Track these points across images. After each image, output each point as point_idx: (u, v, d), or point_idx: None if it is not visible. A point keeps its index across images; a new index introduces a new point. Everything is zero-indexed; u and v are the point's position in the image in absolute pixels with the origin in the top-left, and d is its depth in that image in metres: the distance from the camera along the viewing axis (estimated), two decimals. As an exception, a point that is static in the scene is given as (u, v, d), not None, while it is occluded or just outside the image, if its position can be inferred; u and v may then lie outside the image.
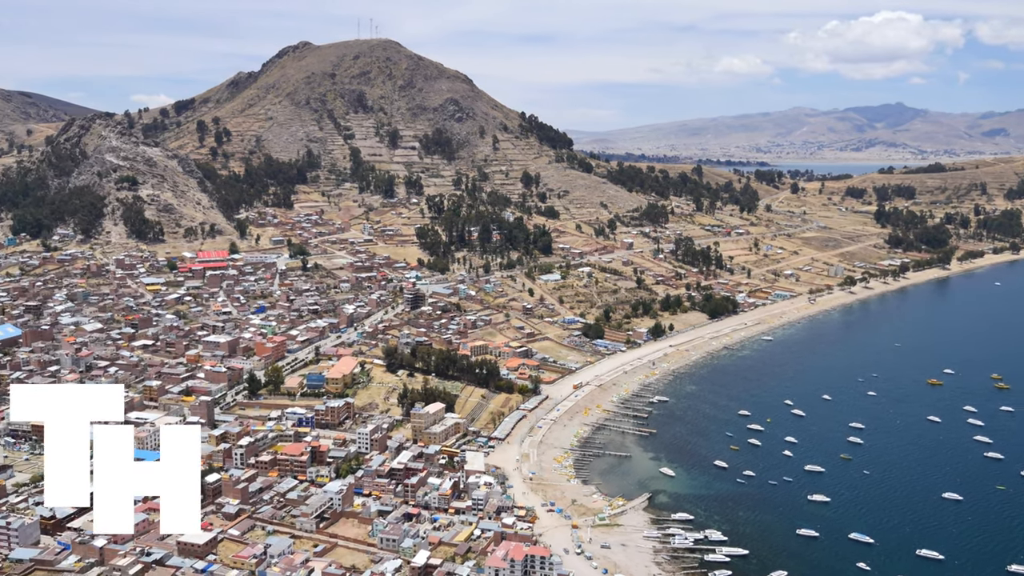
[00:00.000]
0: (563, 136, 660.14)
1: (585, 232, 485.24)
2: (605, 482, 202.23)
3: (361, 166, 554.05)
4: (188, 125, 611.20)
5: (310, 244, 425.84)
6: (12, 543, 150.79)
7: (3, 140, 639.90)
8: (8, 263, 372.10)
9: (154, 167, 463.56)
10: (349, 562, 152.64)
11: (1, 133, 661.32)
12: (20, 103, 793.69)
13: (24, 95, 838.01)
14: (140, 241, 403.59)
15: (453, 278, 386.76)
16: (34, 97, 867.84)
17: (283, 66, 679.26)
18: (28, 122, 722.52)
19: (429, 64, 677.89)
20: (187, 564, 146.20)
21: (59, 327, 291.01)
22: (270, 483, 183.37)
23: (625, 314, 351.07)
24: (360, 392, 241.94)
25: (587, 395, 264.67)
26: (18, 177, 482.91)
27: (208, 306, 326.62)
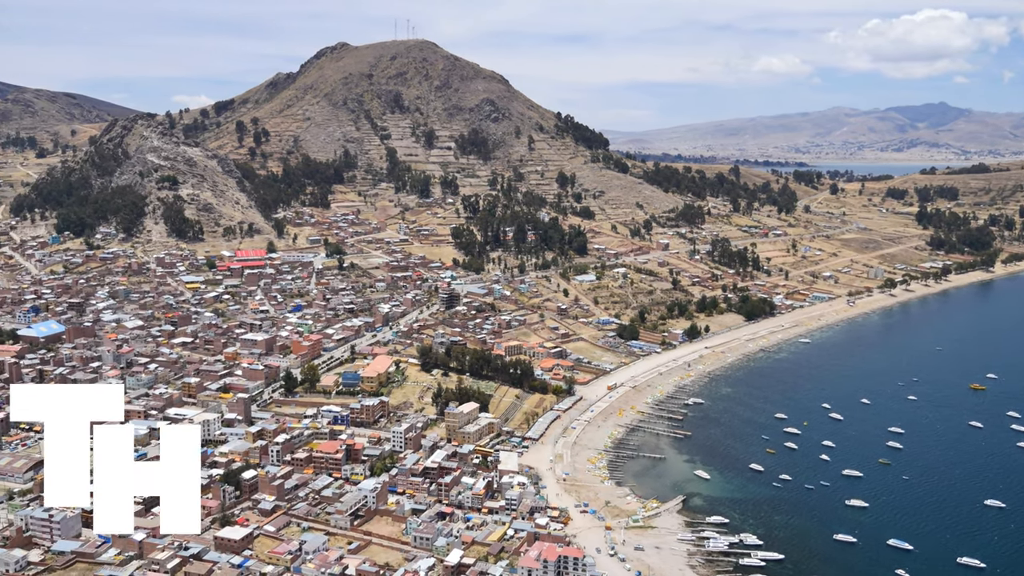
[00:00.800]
0: (599, 136, 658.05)
1: (620, 233, 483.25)
2: (639, 484, 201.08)
3: (397, 166, 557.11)
4: (228, 125, 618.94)
5: (346, 244, 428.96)
6: (55, 535, 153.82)
7: (48, 140, 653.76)
8: (52, 261, 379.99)
9: (194, 167, 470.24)
10: (383, 560, 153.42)
11: (47, 133, 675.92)
12: (65, 104, 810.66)
13: (69, 96, 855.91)
14: (180, 240, 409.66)
15: (488, 278, 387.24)
16: (79, 98, 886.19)
17: (321, 67, 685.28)
18: (72, 123, 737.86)
19: (465, 64, 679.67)
20: (224, 559, 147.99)
21: (101, 324, 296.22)
22: (305, 480, 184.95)
23: (660, 315, 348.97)
24: (395, 391, 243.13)
25: (621, 396, 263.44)
26: (62, 176, 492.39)
27: (246, 304, 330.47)
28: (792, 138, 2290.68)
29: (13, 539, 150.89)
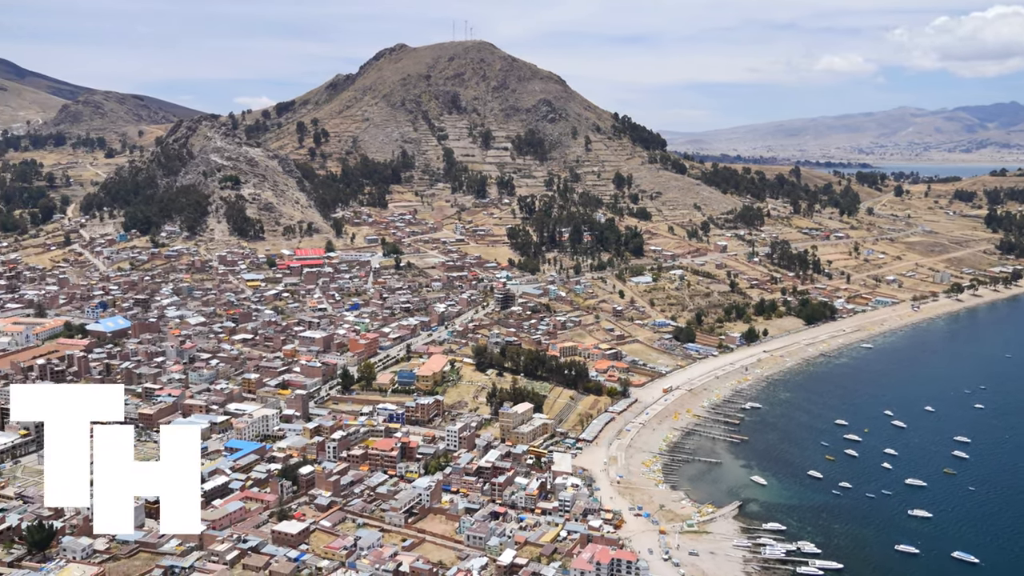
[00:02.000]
0: (656, 137, 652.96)
1: (677, 234, 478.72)
2: (694, 488, 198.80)
3: (454, 166, 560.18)
4: (288, 126, 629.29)
5: (403, 243, 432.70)
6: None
7: (117, 141, 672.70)
8: (120, 258, 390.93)
9: (256, 167, 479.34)
10: (436, 558, 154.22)
11: (115, 134, 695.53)
12: (133, 106, 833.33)
13: (137, 98, 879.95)
14: (242, 238, 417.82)
15: (543, 279, 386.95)
16: (146, 100, 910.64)
17: (380, 68, 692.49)
18: (140, 124, 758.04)
19: (522, 65, 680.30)
20: (280, 552, 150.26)
21: (165, 320, 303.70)
22: (361, 477, 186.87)
23: (718, 318, 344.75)
24: (450, 390, 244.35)
25: (677, 399, 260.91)
26: (130, 176, 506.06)
27: (304, 302, 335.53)
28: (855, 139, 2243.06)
29: (80, 527, 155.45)
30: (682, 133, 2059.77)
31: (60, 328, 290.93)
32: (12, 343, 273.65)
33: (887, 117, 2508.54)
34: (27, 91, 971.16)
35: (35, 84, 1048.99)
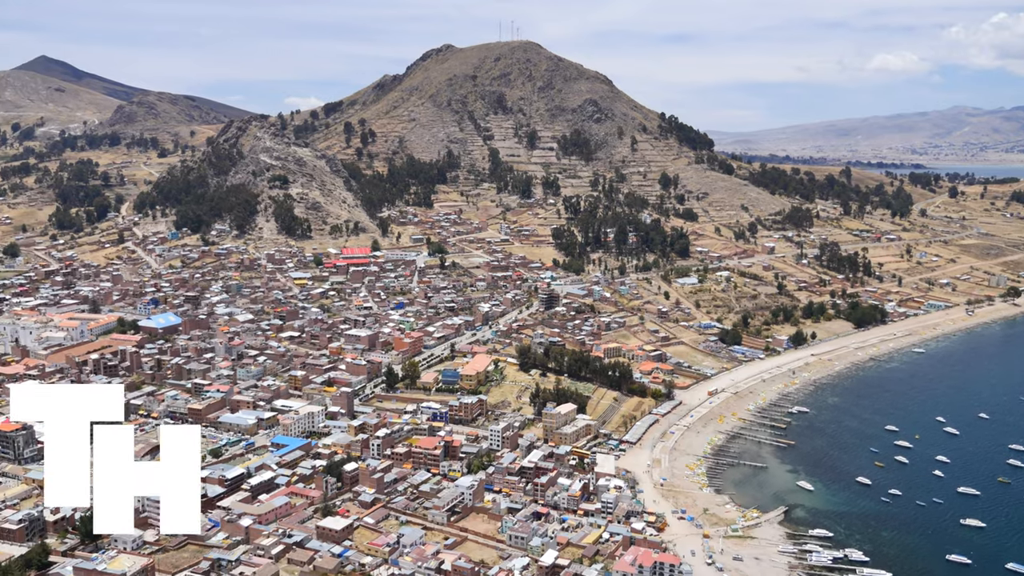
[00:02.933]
0: (703, 137, 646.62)
1: (724, 235, 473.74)
2: (739, 492, 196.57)
3: (499, 167, 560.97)
4: (336, 126, 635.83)
5: (448, 243, 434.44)
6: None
7: (169, 141, 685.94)
8: (171, 256, 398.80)
9: (304, 166, 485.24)
10: (478, 557, 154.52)
11: (168, 134, 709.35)
12: (185, 106, 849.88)
13: (189, 99, 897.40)
14: (289, 237, 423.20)
15: (588, 279, 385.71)
16: (197, 101, 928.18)
17: (426, 68, 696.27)
18: (192, 124, 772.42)
19: (568, 65, 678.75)
20: (325, 547, 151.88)
21: (214, 317, 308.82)
22: (404, 475, 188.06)
23: (764, 320, 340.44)
24: (493, 390, 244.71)
25: (722, 402, 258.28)
26: (181, 175, 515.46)
27: (350, 301, 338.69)
28: (908, 139, 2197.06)
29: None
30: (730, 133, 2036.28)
31: (113, 324, 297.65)
32: (68, 338, 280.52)
33: (942, 117, 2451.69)
34: (84, 92, 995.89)
35: (91, 85, 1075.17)
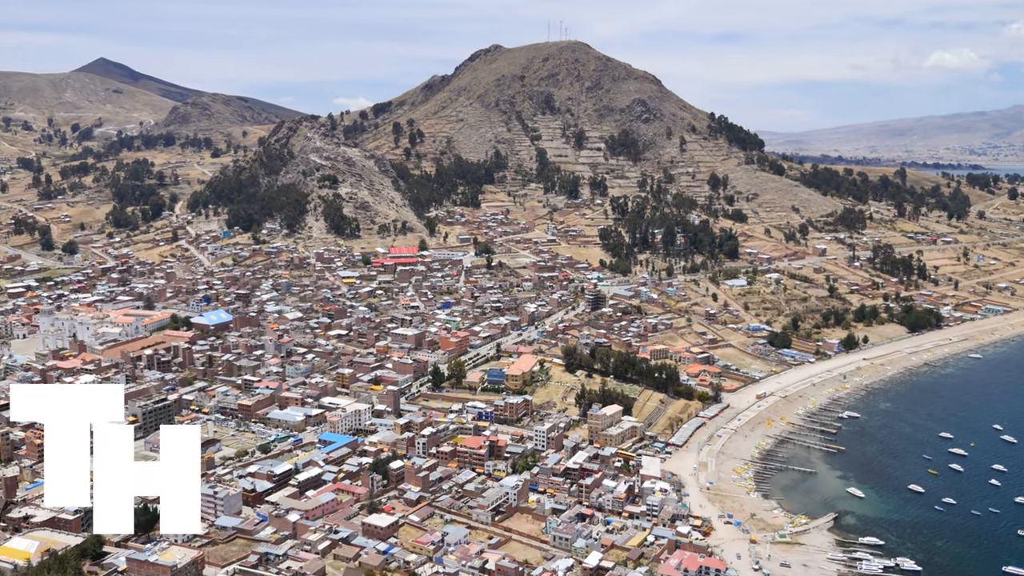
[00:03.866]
0: (754, 137, 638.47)
1: (774, 237, 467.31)
2: (787, 498, 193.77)
3: (547, 167, 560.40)
4: (385, 127, 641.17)
5: (495, 243, 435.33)
6: (218, 511, 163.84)
7: (222, 141, 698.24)
8: (223, 254, 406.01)
9: (353, 166, 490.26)
10: (522, 557, 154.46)
11: (221, 135, 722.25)
12: (238, 107, 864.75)
13: (241, 100, 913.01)
14: (338, 236, 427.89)
15: (635, 280, 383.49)
16: (249, 101, 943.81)
17: (474, 69, 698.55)
18: (244, 124, 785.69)
19: (617, 65, 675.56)
20: (370, 544, 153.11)
21: (264, 314, 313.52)
22: (449, 473, 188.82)
23: (815, 323, 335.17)
24: (538, 390, 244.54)
25: (771, 406, 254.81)
26: (234, 175, 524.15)
27: (398, 300, 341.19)
28: (966, 139, 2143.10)
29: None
30: (781, 133, 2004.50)
31: (167, 320, 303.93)
32: (123, 334, 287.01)
33: (1001, 116, 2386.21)
34: (140, 93, 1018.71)
35: (148, 87, 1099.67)
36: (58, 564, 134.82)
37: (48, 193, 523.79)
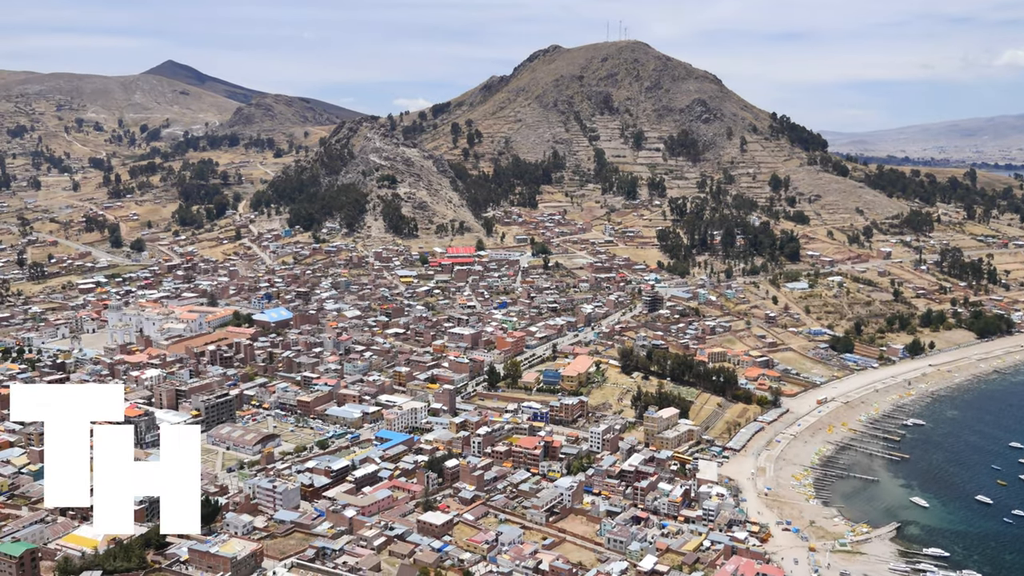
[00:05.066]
0: (817, 137, 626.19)
1: (837, 239, 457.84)
2: (848, 506, 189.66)
3: (604, 167, 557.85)
4: (443, 127, 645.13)
5: (552, 243, 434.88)
6: (277, 505, 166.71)
7: (284, 141, 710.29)
8: (284, 252, 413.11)
9: (411, 167, 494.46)
10: (576, 558, 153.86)
11: (283, 135, 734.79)
12: (300, 108, 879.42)
13: (303, 101, 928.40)
14: (396, 236, 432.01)
15: (693, 282, 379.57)
16: (311, 102, 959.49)
17: (533, 69, 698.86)
18: (306, 125, 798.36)
19: (677, 65, 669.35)
20: (425, 542, 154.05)
21: (324, 312, 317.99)
22: (504, 473, 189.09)
23: (879, 328, 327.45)
24: (594, 391, 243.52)
25: (832, 412, 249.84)
26: (295, 175, 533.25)
27: (454, 299, 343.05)
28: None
29: (242, 505, 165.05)
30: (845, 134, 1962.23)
31: (229, 317, 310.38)
32: (187, 330, 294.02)
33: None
34: (206, 95, 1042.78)
35: (213, 88, 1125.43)
36: (123, 553, 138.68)
37: (117, 192, 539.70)
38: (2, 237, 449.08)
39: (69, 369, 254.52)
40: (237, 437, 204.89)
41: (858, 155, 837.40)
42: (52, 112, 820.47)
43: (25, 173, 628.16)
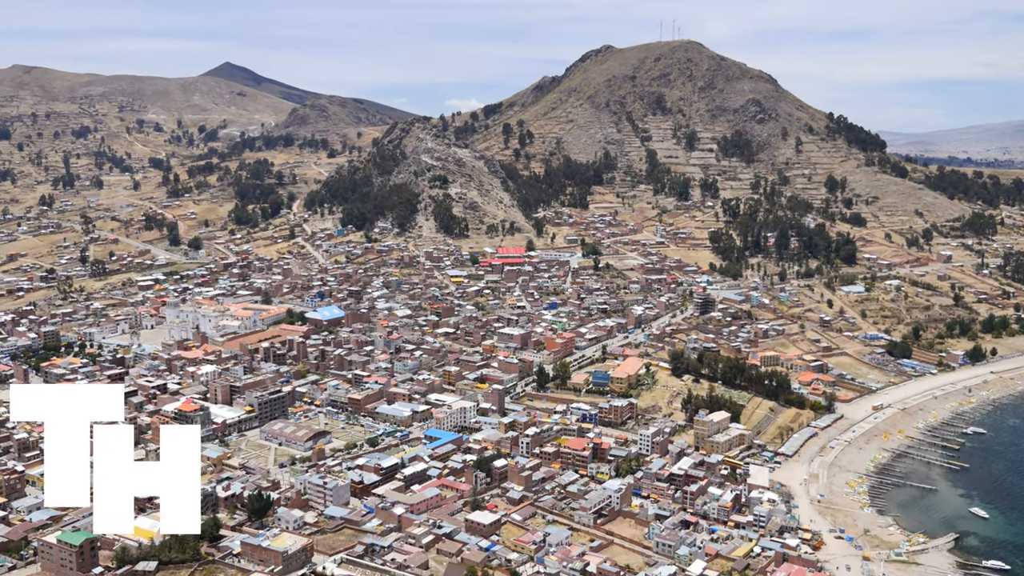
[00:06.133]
0: (875, 138, 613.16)
1: (895, 242, 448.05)
2: (904, 515, 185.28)
3: (656, 168, 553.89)
4: (495, 128, 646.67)
5: (602, 244, 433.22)
6: (327, 501, 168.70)
7: (338, 142, 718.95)
8: (336, 251, 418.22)
9: (463, 167, 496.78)
10: (624, 561, 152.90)
11: (336, 136, 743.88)
12: (353, 109, 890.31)
13: (357, 102, 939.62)
14: (447, 235, 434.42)
15: (745, 284, 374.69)
16: (364, 103, 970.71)
17: (585, 70, 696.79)
18: (359, 126, 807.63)
19: (731, 64, 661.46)
20: (473, 541, 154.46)
21: (375, 311, 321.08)
22: (552, 474, 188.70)
23: (938, 333, 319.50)
24: (644, 393, 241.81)
25: (888, 418, 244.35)
26: (348, 175, 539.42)
27: (504, 300, 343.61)
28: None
29: (293, 500, 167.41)
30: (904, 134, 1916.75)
31: (283, 315, 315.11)
32: (242, 327, 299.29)
33: None
34: (262, 96, 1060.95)
35: (269, 90, 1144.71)
36: (178, 544, 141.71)
37: (176, 191, 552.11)
38: (66, 235, 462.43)
39: (128, 364, 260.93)
40: (289, 433, 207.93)
41: (918, 156, 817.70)
42: (115, 113, 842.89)
43: (88, 173, 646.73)
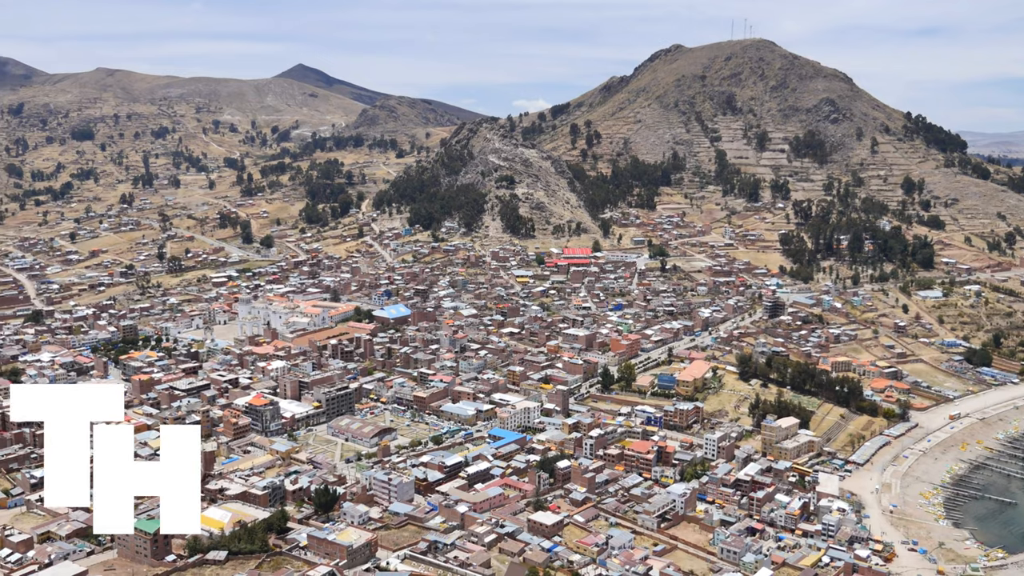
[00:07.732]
0: (955, 138, 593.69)
1: (975, 246, 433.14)
2: (982, 528, 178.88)
3: (726, 168, 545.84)
4: (562, 128, 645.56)
5: (670, 245, 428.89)
6: (392, 497, 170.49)
7: (406, 142, 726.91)
8: (404, 251, 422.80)
9: (530, 167, 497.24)
10: (687, 567, 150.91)
11: (405, 136, 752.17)
12: (422, 110, 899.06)
13: (425, 103, 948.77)
14: (513, 236, 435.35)
15: (817, 288, 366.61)
16: (433, 104, 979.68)
17: (654, 69, 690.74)
18: (427, 126, 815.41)
19: (804, 63, 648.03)
20: (535, 541, 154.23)
21: (441, 310, 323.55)
22: (616, 476, 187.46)
23: (1021, 341, 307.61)
24: (710, 397, 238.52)
25: (966, 428, 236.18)
26: (416, 175, 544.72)
27: (570, 300, 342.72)
28: None
29: (358, 496, 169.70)
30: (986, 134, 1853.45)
31: (351, 312, 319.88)
32: (311, 324, 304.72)
33: None
34: (333, 97, 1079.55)
35: (340, 91, 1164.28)
36: (247, 535, 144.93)
37: (249, 190, 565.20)
38: (145, 232, 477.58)
39: (202, 358, 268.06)
40: (355, 429, 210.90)
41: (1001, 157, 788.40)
42: (192, 114, 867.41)
43: (166, 172, 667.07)
